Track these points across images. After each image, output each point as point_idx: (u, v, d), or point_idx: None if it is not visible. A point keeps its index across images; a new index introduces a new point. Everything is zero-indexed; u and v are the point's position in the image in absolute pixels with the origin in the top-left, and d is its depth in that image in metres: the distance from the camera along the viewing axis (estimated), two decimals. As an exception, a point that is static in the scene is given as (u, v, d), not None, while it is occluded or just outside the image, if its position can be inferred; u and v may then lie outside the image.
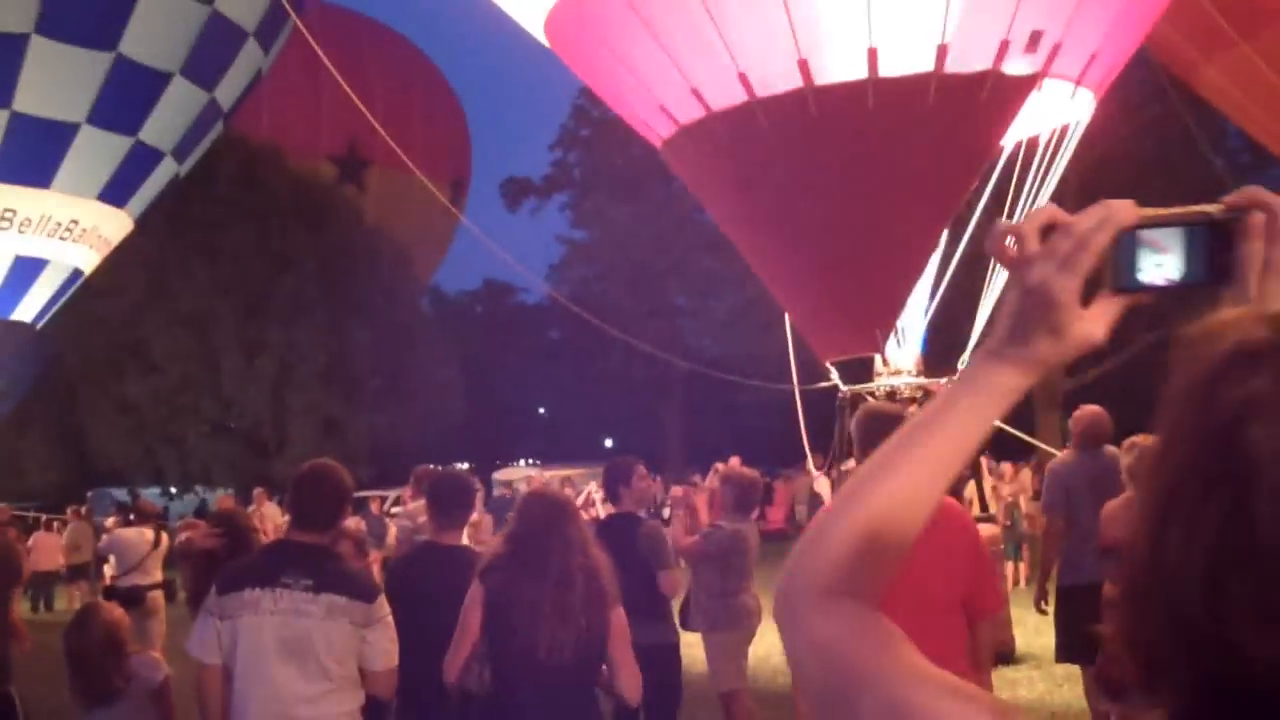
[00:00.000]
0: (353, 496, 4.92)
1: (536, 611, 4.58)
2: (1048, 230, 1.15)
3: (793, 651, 1.23)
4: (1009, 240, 1.17)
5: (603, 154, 48.27)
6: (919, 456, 1.22)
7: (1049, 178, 12.88)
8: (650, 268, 49.70)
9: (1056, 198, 32.07)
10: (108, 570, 16.88)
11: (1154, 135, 35.24)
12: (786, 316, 13.38)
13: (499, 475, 31.80)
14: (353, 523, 12.21)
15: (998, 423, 1.28)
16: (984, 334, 13.42)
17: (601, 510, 14.30)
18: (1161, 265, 1.14)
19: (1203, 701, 0.93)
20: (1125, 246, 1.12)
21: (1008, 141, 12.51)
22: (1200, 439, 0.93)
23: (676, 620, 8.18)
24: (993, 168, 12.59)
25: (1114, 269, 1.13)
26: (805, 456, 13.80)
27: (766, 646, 9.36)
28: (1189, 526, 0.93)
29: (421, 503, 9.76)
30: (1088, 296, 1.15)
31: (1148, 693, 0.97)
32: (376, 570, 12.39)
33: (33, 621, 15.83)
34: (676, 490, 24.11)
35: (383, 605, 4.58)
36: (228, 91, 18.54)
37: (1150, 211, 1.14)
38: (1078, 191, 32.84)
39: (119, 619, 5.33)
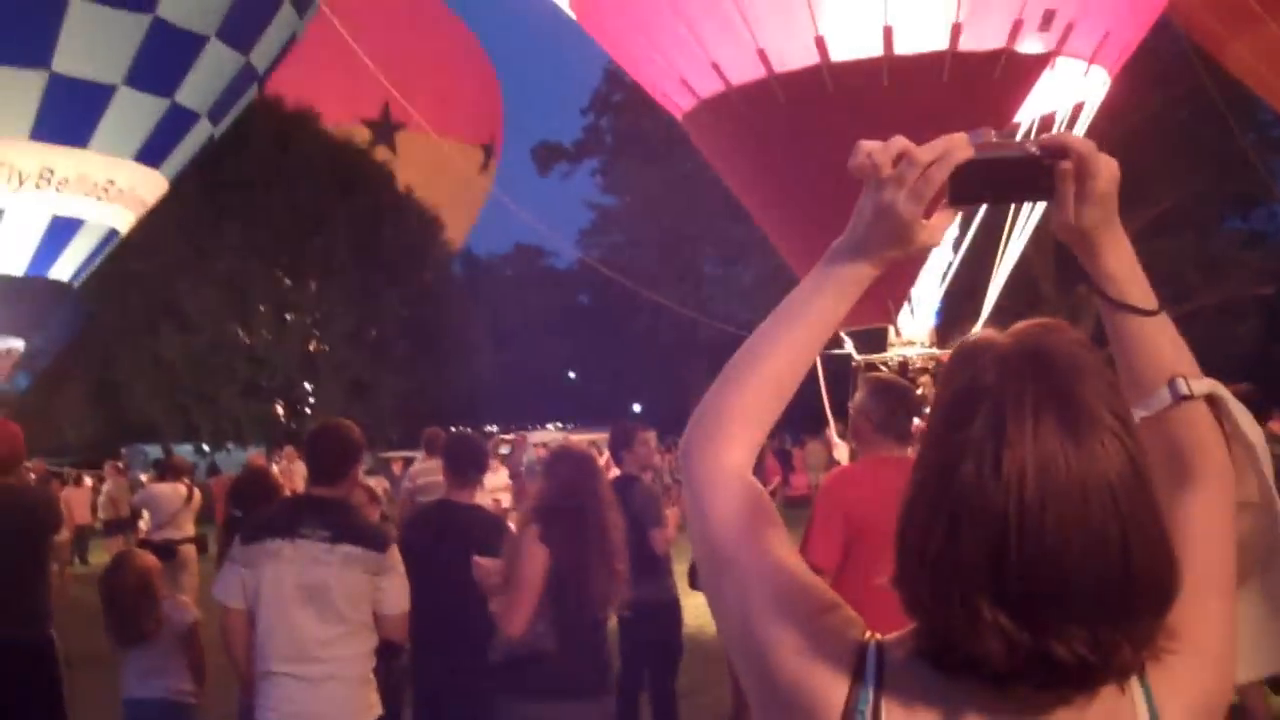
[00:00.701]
0: (363, 452, 5.21)
1: (586, 569, 4.92)
2: (899, 158, 1.42)
3: (687, 496, 1.55)
4: (868, 158, 1.44)
5: (634, 120, 48.40)
6: (796, 334, 1.53)
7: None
8: (679, 234, 49.94)
9: None
10: (142, 525, 17.31)
11: (1184, 109, 35.12)
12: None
13: (533, 438, 32.13)
14: (376, 483, 12.55)
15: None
16: (996, 306, 13.68)
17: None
18: (988, 188, 1.44)
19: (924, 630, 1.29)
20: (960, 173, 1.39)
21: (1022, 119, 12.69)
22: (941, 416, 1.26)
23: (686, 581, 8.56)
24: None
25: (952, 190, 1.41)
26: (826, 424, 14.08)
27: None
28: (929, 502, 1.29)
29: (421, 465, 10.12)
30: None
31: (908, 611, 1.31)
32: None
33: (68, 575, 16.28)
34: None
35: (394, 554, 4.90)
36: (262, 54, 18.77)
37: (982, 144, 1.41)
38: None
39: (152, 565, 5.68)
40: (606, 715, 5.31)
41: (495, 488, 11.94)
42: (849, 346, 12.98)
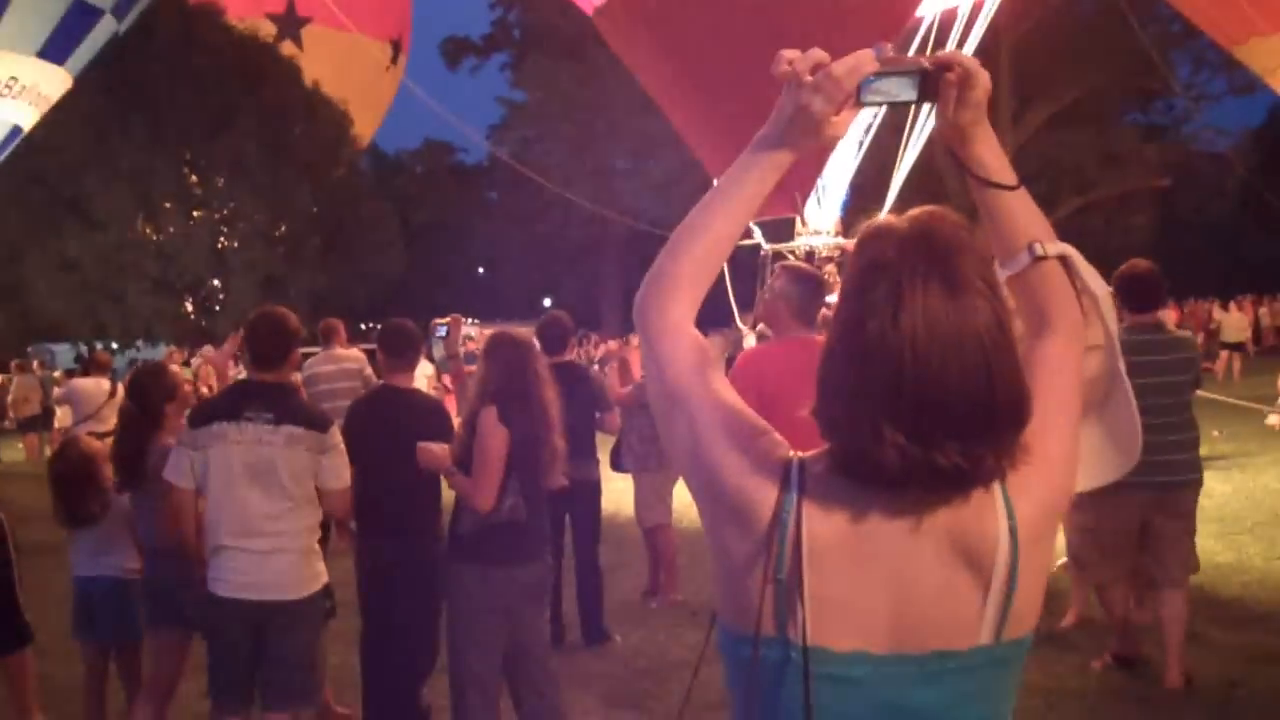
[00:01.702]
0: (299, 337, 5.43)
1: (537, 443, 5.30)
2: (816, 68, 1.76)
3: (644, 347, 1.92)
4: (788, 65, 1.77)
5: (543, 14, 48.10)
6: (728, 208, 1.90)
7: (965, 47, 13.38)
8: (589, 129, 49.85)
9: (990, 66, 32.40)
10: (58, 420, 17.35)
11: (1087, 4, 35.64)
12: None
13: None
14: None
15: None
16: (899, 195, 14.06)
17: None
18: (889, 94, 1.77)
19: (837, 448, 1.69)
20: (868, 81, 1.74)
21: (928, 11, 12.99)
22: (853, 283, 1.65)
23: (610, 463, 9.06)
24: (910, 37, 13.09)
25: (859, 93, 1.75)
26: (733, 314, 14.46)
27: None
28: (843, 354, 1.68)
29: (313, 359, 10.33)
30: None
31: (825, 434, 1.71)
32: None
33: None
34: (611, 345, 24.92)
35: (335, 434, 5.22)
36: (167, -52, 18.59)
37: (884, 59, 1.74)
38: (1012, 61, 33.46)
39: (97, 450, 5.91)
40: (548, 574, 5.76)
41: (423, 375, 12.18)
42: (758, 236, 13.31)
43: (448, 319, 6.84)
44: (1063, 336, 1.90)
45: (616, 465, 9.22)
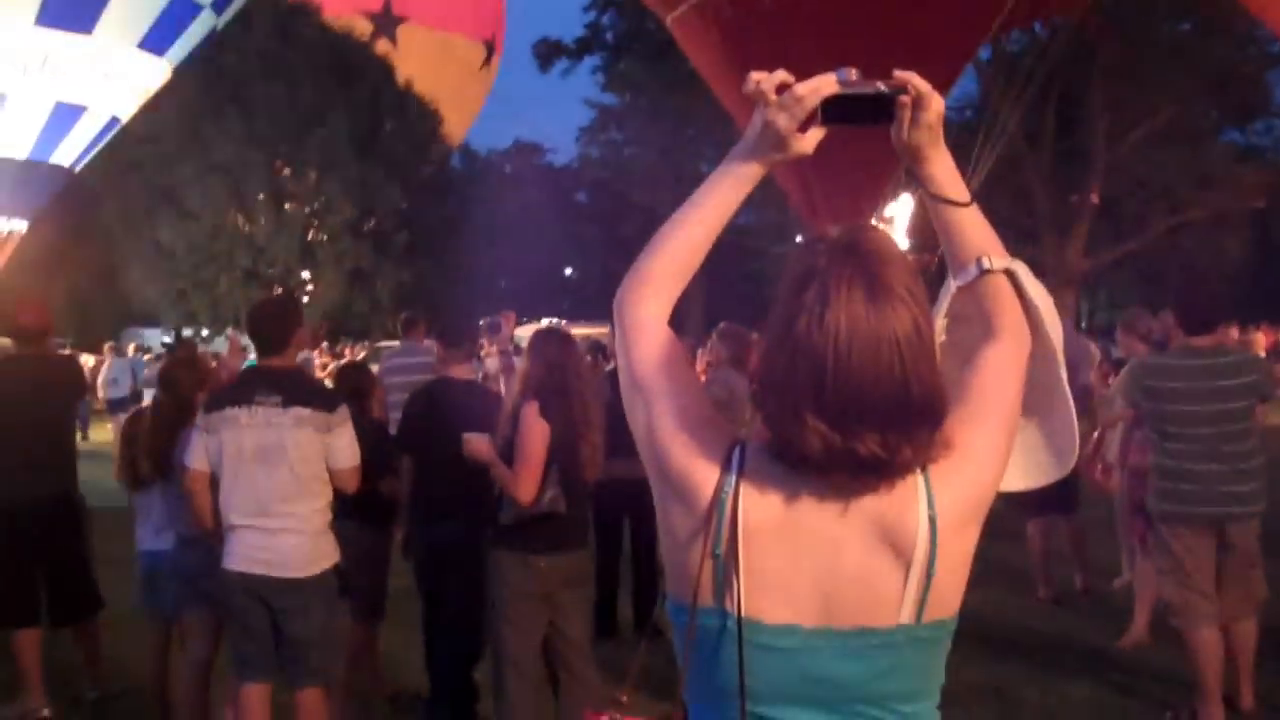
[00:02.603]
0: (300, 320, 5.67)
1: (577, 437, 5.46)
2: (783, 87, 1.91)
3: (618, 339, 2.09)
4: (755, 85, 1.93)
5: (636, 18, 48.18)
6: (701, 214, 2.06)
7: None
8: (678, 133, 49.88)
9: (1081, 85, 31.27)
10: (145, 403, 17.71)
11: (1185, 22, 35.12)
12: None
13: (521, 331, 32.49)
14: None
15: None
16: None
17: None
18: (849, 114, 1.89)
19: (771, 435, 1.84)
20: (829, 102, 1.88)
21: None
22: (787, 287, 1.84)
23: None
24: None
25: (822, 112, 1.88)
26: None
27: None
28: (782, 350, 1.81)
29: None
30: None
31: (763, 422, 1.86)
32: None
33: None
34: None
35: (343, 412, 5.41)
36: (267, -54, 18.95)
37: (845, 81, 1.87)
38: (1105, 80, 33.05)
39: (163, 420, 6.11)
40: (589, 562, 6.01)
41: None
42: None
43: (495, 317, 7.01)
44: (1005, 343, 2.04)
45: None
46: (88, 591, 6.76)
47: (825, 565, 1.82)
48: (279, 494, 5.16)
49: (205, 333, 31.54)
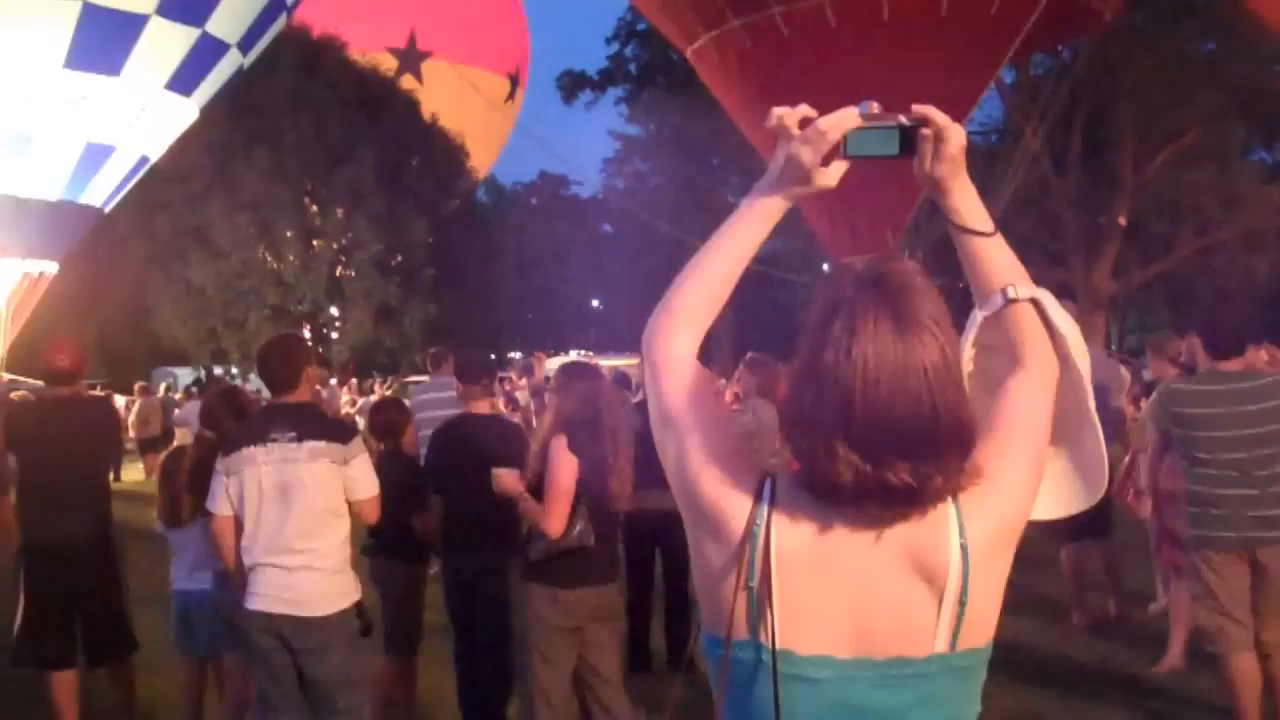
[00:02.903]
0: (309, 356, 5.66)
1: (606, 471, 5.48)
2: (805, 121, 1.94)
3: (647, 373, 2.12)
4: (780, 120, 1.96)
5: (659, 49, 48.38)
6: (728, 247, 2.08)
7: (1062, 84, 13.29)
8: (702, 164, 50.00)
9: (1108, 106, 31.06)
10: (177, 440, 17.81)
11: (1210, 40, 35.05)
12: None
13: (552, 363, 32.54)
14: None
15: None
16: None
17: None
18: (871, 147, 1.91)
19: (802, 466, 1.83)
20: (852, 135, 1.89)
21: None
22: (815, 318, 1.85)
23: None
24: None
25: (844, 146, 1.90)
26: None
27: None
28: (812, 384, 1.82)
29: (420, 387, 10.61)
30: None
31: (793, 455, 1.87)
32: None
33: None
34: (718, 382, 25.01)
35: (358, 443, 5.42)
36: (292, -16, 19.08)
37: (867, 115, 1.90)
38: (1130, 100, 33.02)
39: (206, 458, 6.13)
40: (619, 596, 5.99)
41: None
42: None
43: (526, 358, 7.09)
44: (1032, 372, 2.06)
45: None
46: (122, 632, 6.79)
47: (859, 595, 1.83)
48: (298, 530, 5.16)
49: (235, 370, 31.68)
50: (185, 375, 34.59)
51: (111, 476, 21.61)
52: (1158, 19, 32.42)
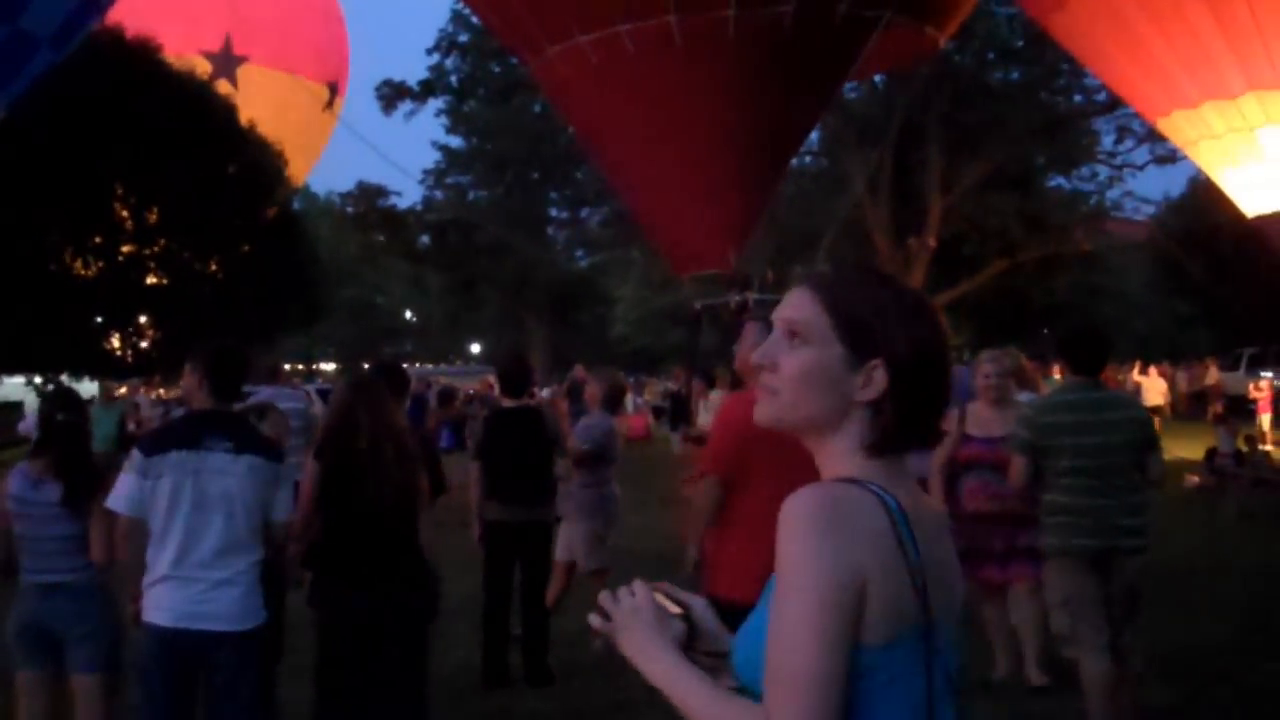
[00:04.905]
0: (249, 369, 5.62)
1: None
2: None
3: None
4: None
5: (479, 61, 48.36)
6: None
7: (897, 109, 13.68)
8: (523, 177, 50.10)
9: (919, 132, 32.31)
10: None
11: (1015, 70, 36.51)
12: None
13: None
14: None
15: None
16: (832, 254, 14.40)
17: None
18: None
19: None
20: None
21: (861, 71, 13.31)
22: None
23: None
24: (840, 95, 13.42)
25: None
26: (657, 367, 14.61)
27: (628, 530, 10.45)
28: None
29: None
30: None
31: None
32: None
33: None
34: (542, 394, 25.08)
35: (288, 466, 5.33)
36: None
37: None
38: (940, 127, 34.15)
39: None
40: None
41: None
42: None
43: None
44: None
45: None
46: None
47: (952, 564, 1.88)
48: (224, 544, 4.98)
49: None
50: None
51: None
52: (965, 48, 33.66)
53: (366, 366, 7.60)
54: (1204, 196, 34.92)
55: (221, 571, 4.98)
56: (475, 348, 63.51)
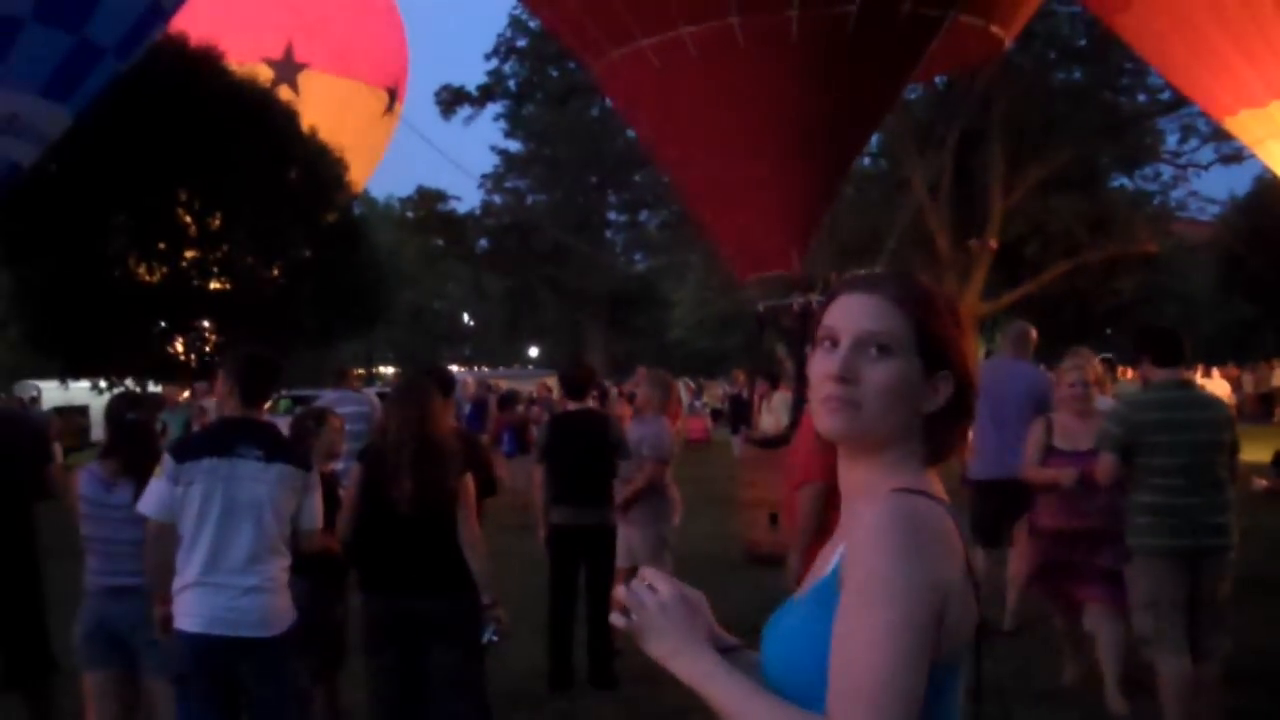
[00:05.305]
0: (281, 376, 5.65)
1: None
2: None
3: None
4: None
5: (538, 66, 48.45)
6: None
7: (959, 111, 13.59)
8: (583, 180, 50.19)
9: (980, 134, 32.04)
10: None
11: (1078, 70, 36.13)
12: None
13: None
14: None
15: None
16: (894, 258, 14.29)
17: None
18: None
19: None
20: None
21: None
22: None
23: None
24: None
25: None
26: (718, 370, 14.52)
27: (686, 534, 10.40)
28: None
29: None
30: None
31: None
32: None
33: None
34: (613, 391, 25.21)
35: (315, 473, 5.37)
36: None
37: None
38: (1002, 128, 33.82)
39: None
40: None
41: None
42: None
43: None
44: None
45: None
46: (40, 651, 6.55)
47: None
48: (254, 551, 5.01)
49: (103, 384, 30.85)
50: (51, 388, 33.76)
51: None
52: (1027, 48, 33.33)
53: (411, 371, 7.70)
54: (1270, 196, 34.46)
55: (251, 578, 5.01)
56: (533, 351, 63.63)
